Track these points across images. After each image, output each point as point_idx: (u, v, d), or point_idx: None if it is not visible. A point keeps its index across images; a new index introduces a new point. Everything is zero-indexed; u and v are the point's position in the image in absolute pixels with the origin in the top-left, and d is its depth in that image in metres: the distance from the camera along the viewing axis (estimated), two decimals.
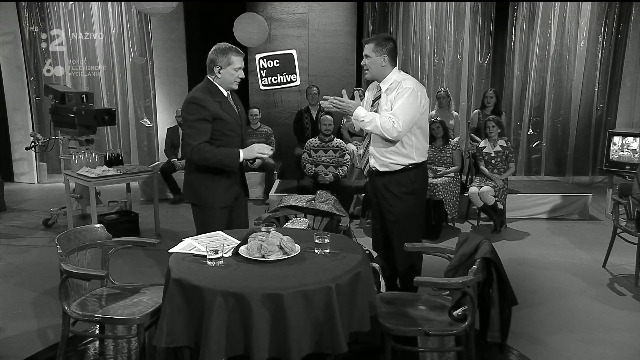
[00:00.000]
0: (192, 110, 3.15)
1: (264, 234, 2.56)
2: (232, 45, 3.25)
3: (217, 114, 3.18)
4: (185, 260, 2.45)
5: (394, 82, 3.34)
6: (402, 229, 3.36)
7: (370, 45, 3.31)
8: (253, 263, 2.40)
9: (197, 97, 3.16)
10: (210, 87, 3.23)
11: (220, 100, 3.22)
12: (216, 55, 3.20)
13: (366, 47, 3.33)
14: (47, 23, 8.48)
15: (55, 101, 6.19)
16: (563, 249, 5.38)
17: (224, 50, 3.19)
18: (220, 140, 3.21)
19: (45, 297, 4.17)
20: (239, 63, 3.20)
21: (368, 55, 3.32)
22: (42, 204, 7.32)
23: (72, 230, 2.84)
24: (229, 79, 3.20)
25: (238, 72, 3.21)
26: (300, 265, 2.38)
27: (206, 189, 3.27)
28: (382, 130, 3.19)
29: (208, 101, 3.16)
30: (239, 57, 3.21)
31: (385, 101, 3.34)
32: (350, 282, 2.26)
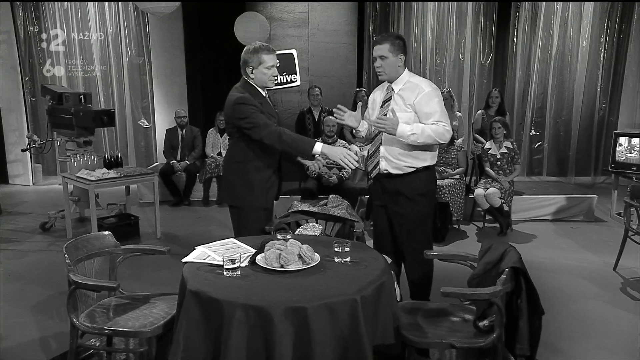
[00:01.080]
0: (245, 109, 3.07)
1: (282, 242, 2.46)
2: (263, 43, 3.21)
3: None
4: (200, 271, 2.35)
5: (407, 82, 3.28)
6: (413, 233, 3.28)
7: (386, 45, 3.19)
8: (272, 273, 2.30)
9: (245, 98, 3.10)
10: (250, 89, 3.18)
11: (261, 101, 3.17)
12: (247, 55, 3.16)
13: (380, 48, 3.21)
14: (43, 23, 8.32)
15: (52, 102, 6.06)
16: (571, 252, 5.32)
17: (255, 50, 3.15)
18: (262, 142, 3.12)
19: (46, 304, 4.05)
20: (271, 61, 3.14)
21: (384, 56, 3.21)
22: (38, 206, 7.18)
23: (79, 238, 2.73)
24: (263, 78, 3.16)
25: (271, 70, 3.16)
26: (321, 275, 2.28)
27: (248, 190, 3.22)
28: (436, 139, 3.16)
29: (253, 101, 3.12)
30: (270, 54, 3.15)
31: (398, 102, 3.25)
32: (374, 293, 2.16)
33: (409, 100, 3.22)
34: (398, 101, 3.26)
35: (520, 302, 2.32)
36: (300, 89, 7.97)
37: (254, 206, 3.23)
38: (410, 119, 3.22)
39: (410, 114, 3.23)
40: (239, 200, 3.24)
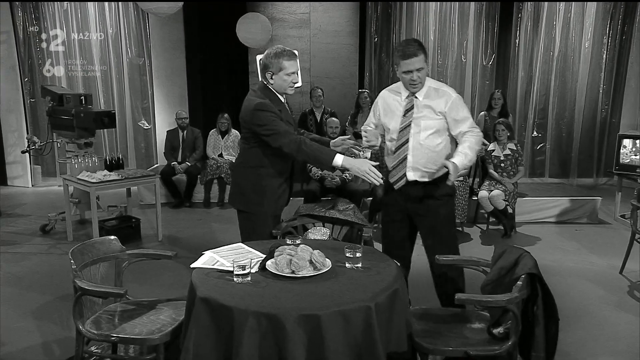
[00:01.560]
0: (264, 115, 2.99)
1: (292, 247, 2.41)
2: (285, 48, 3.07)
3: None
4: (210, 277, 2.30)
5: (429, 89, 3.14)
6: (444, 237, 3.17)
7: (422, 56, 3.00)
8: (283, 280, 2.26)
9: (265, 104, 3.01)
10: (269, 94, 3.10)
11: (280, 108, 3.10)
12: (268, 60, 3.05)
13: (417, 60, 2.99)
14: (42, 23, 8.26)
15: (52, 103, 6.02)
16: (576, 255, 5.28)
17: (275, 55, 3.03)
18: (274, 148, 3.05)
19: (48, 308, 4.00)
20: (292, 67, 3.03)
21: (422, 67, 3.02)
22: (37, 208, 7.12)
23: (85, 243, 2.68)
24: (282, 85, 3.07)
25: (291, 77, 3.05)
26: (334, 281, 2.24)
27: (259, 196, 3.16)
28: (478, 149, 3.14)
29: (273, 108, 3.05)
30: (291, 61, 3.04)
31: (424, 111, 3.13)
32: (388, 300, 2.12)
33: (438, 108, 3.10)
34: (423, 109, 3.13)
35: (536, 309, 2.28)
36: (302, 90, 7.92)
37: (264, 212, 3.17)
38: (442, 125, 3.14)
39: (440, 121, 3.13)
40: (249, 205, 3.18)
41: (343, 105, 7.83)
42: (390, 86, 3.35)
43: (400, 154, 3.19)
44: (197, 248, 5.47)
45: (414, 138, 3.17)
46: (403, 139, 3.19)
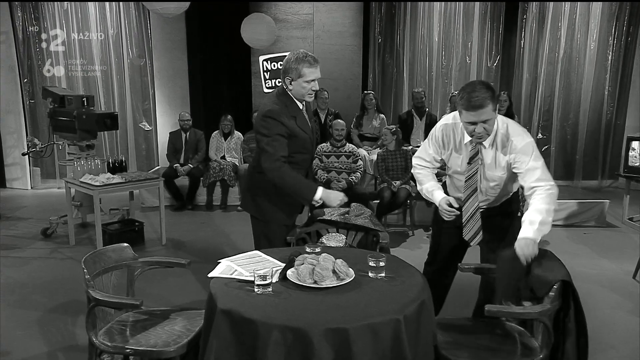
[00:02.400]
0: (268, 125, 2.92)
1: (314, 256, 2.33)
2: (308, 54, 2.95)
3: (292, 131, 2.97)
4: (229, 287, 2.22)
5: (497, 135, 2.69)
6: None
7: (490, 106, 2.53)
8: (305, 290, 2.18)
9: (274, 112, 2.93)
10: (286, 100, 2.99)
11: (295, 115, 3.00)
12: (288, 65, 2.95)
13: (485, 111, 2.53)
14: (42, 23, 8.15)
15: (54, 105, 5.92)
16: (587, 259, 5.22)
17: (296, 60, 2.92)
18: (292, 157, 3.00)
19: (52, 315, 3.91)
20: (311, 75, 2.92)
21: (489, 118, 2.56)
22: (38, 211, 7.02)
23: (97, 251, 2.59)
24: (301, 91, 2.97)
25: (310, 85, 2.95)
26: (358, 292, 2.16)
27: (269, 204, 3.08)
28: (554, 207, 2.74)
29: (284, 115, 2.94)
30: (311, 68, 2.91)
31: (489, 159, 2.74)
32: (416, 311, 2.04)
33: (506, 157, 2.68)
34: (488, 157, 2.74)
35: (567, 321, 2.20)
36: None
37: (276, 219, 3.10)
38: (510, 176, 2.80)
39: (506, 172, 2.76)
40: (261, 212, 3.12)
41: (346, 107, 7.76)
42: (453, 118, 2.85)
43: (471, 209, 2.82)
44: (201, 252, 5.45)
45: (480, 188, 2.84)
46: (470, 189, 2.83)
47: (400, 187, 5.85)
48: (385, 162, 6.08)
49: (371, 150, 6.98)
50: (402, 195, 5.80)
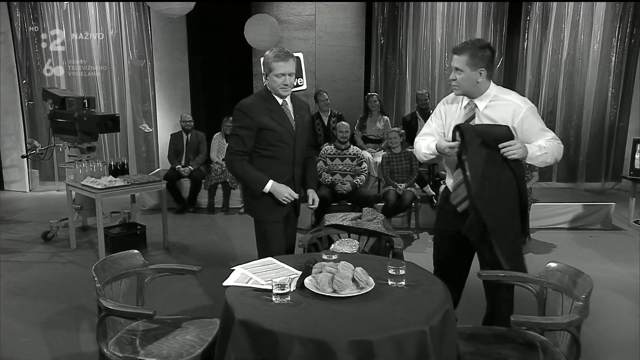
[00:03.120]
0: (236, 117, 3.09)
1: (332, 264, 2.26)
2: (282, 49, 3.04)
3: (263, 123, 3.02)
4: (246, 297, 2.15)
5: (494, 98, 2.75)
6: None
7: (464, 57, 2.67)
8: (325, 300, 2.11)
9: (244, 104, 3.05)
10: (265, 94, 3.10)
11: (272, 108, 3.04)
12: (264, 60, 3.06)
13: (457, 59, 2.71)
14: (41, 23, 8.06)
15: (54, 106, 5.84)
16: (595, 263, 5.17)
17: (267, 56, 3.02)
18: (268, 151, 3.07)
19: (56, 321, 3.83)
20: (280, 69, 2.97)
21: (460, 69, 2.70)
22: (37, 214, 6.93)
23: (107, 259, 2.51)
24: (273, 85, 3.03)
25: (281, 79, 2.99)
26: (380, 302, 2.09)
27: (258, 202, 3.09)
28: (557, 158, 2.72)
29: (256, 109, 3.02)
30: (280, 62, 2.97)
31: (482, 121, 2.74)
32: (441, 322, 1.98)
33: (503, 121, 2.69)
34: (485, 121, 2.75)
35: None
36: (307, 93, 7.79)
37: (267, 220, 3.10)
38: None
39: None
40: (252, 212, 3.18)
41: (348, 108, 7.70)
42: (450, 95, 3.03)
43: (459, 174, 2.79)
44: (206, 256, 5.37)
45: None
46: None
47: (405, 190, 5.80)
48: (390, 164, 6.02)
49: (375, 153, 6.91)
50: (408, 198, 5.74)
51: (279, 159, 3.08)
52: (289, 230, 3.26)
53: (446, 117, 2.94)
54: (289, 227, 3.25)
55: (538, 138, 2.71)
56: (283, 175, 3.10)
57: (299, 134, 3.12)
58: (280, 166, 3.09)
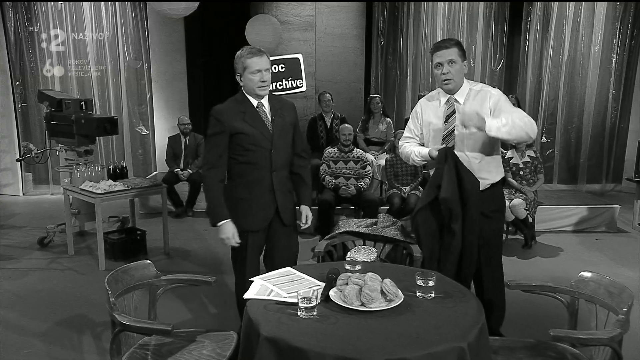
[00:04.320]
0: (210, 123, 2.92)
1: (358, 275, 2.16)
2: (252, 47, 2.93)
3: (235, 128, 2.86)
4: (269, 311, 2.04)
5: (470, 91, 2.94)
6: (490, 254, 2.98)
7: (454, 49, 2.83)
8: (353, 314, 2.00)
9: (216, 109, 2.92)
10: (239, 97, 2.96)
11: (245, 110, 2.89)
12: (235, 62, 2.92)
13: (449, 52, 2.82)
14: (34, 24, 7.89)
15: (50, 108, 5.70)
16: (604, 266, 5.11)
17: (239, 55, 2.90)
18: (243, 156, 2.91)
19: (57, 332, 3.70)
20: (255, 65, 2.83)
21: (454, 60, 2.83)
22: (32, 219, 6.76)
23: (119, 270, 2.39)
24: (250, 84, 2.87)
25: (257, 76, 2.84)
26: (412, 316, 1.99)
27: (233, 209, 2.95)
28: (528, 132, 2.74)
29: (228, 112, 2.89)
30: (253, 57, 2.84)
31: (463, 115, 2.83)
32: (477, 337, 1.88)
33: (483, 110, 2.82)
34: (465, 114, 2.83)
35: None
36: (306, 95, 7.69)
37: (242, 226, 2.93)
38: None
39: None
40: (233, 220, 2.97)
41: (349, 110, 7.60)
42: (427, 94, 3.17)
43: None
44: (208, 262, 5.25)
45: (459, 147, 2.95)
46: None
47: (410, 193, 5.71)
48: (394, 167, 5.93)
49: (378, 155, 6.82)
50: (412, 201, 5.65)
51: (254, 164, 2.91)
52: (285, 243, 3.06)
53: (423, 115, 3.09)
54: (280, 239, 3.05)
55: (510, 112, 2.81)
56: (261, 182, 2.94)
57: (277, 136, 2.93)
58: (257, 171, 2.92)
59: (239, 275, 3.03)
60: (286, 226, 3.02)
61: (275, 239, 3.05)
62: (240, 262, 3.01)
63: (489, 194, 2.96)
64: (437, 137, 3.01)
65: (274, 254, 3.04)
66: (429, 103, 3.09)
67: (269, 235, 3.04)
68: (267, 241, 3.08)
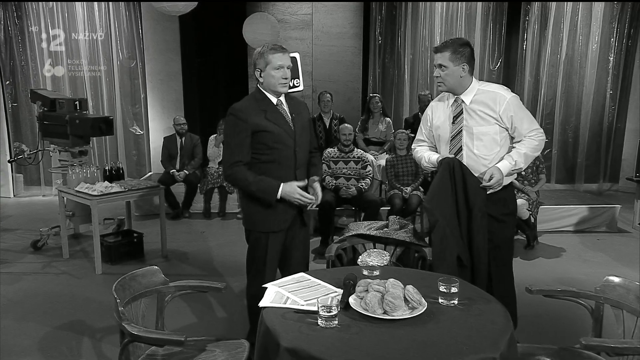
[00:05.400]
0: (228, 123, 2.88)
1: (379, 281, 2.07)
2: (272, 43, 2.89)
3: (258, 125, 2.80)
4: (287, 320, 1.95)
5: (479, 91, 2.92)
6: (502, 258, 2.92)
7: (446, 53, 2.85)
8: (376, 323, 1.91)
9: (235, 107, 2.85)
10: (258, 95, 2.90)
11: (265, 108, 2.83)
12: (255, 58, 2.87)
13: (439, 56, 2.88)
14: (25, 22, 7.73)
15: (43, 108, 5.56)
16: (607, 267, 5.06)
17: (261, 51, 2.85)
18: (267, 155, 2.85)
19: (54, 339, 3.59)
20: (278, 60, 2.79)
21: (444, 65, 2.86)
22: (24, 221, 6.62)
23: (127, 277, 2.29)
24: (271, 81, 2.81)
25: (280, 72, 2.80)
26: (437, 325, 1.91)
27: (252, 210, 2.91)
28: (535, 155, 2.94)
29: (248, 111, 2.82)
30: (277, 53, 2.80)
31: (474, 116, 2.89)
32: (508, 348, 1.80)
33: (491, 112, 2.86)
34: (473, 114, 2.89)
35: None
36: (304, 94, 7.59)
37: (260, 228, 2.90)
38: (497, 132, 2.87)
39: (494, 126, 2.86)
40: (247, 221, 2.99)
41: (347, 110, 7.54)
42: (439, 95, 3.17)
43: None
44: (207, 265, 5.14)
45: (467, 147, 2.93)
46: (455, 149, 2.97)
47: (411, 194, 5.64)
48: (395, 168, 5.86)
49: (378, 155, 6.75)
50: (414, 202, 5.58)
51: (280, 163, 2.86)
52: (300, 244, 3.04)
53: (433, 117, 3.08)
54: (296, 240, 3.02)
55: (521, 126, 2.87)
56: (285, 181, 2.89)
57: (298, 134, 2.90)
58: (282, 170, 2.87)
59: (255, 277, 2.96)
60: (305, 226, 3.01)
61: (294, 239, 3.01)
62: (259, 264, 2.93)
63: (500, 196, 2.91)
64: (445, 138, 3.01)
65: (291, 254, 3.01)
66: (439, 103, 3.10)
67: (287, 235, 2.99)
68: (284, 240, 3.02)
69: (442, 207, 2.82)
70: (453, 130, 2.95)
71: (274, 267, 2.98)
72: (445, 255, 2.77)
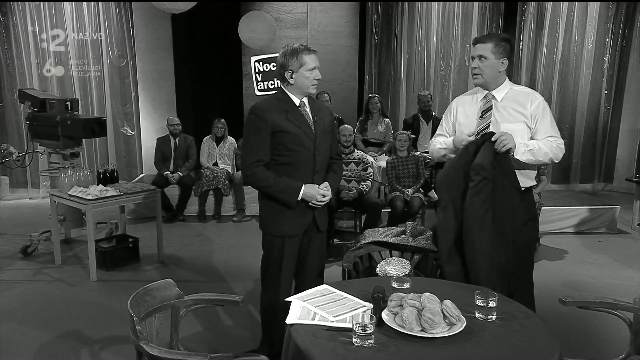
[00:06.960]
0: (249, 122, 2.80)
1: (414, 296, 1.95)
2: (302, 44, 2.84)
3: (279, 125, 2.73)
4: (319, 338, 1.82)
5: (510, 91, 2.84)
6: (524, 264, 2.82)
7: (489, 44, 2.76)
8: (413, 341, 1.80)
9: (256, 106, 2.81)
10: (280, 95, 2.83)
11: (287, 109, 2.76)
12: (285, 58, 2.78)
13: (481, 47, 2.78)
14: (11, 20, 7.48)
15: (33, 109, 5.38)
16: (611, 269, 5.03)
17: (294, 51, 2.78)
18: (286, 157, 2.78)
19: (50, 349, 3.44)
20: (312, 62, 2.77)
21: (484, 56, 2.76)
22: (11, 225, 6.39)
23: (141, 291, 2.14)
24: (305, 82, 2.76)
25: (313, 73, 2.76)
26: (479, 343, 1.79)
27: (269, 213, 2.86)
28: (552, 158, 2.77)
29: (270, 110, 2.75)
30: (311, 54, 2.79)
31: (503, 113, 2.80)
32: None
33: (522, 110, 2.78)
34: (503, 111, 2.81)
35: None
36: None
37: (275, 232, 2.85)
38: (523, 131, 2.77)
39: (520, 124, 2.77)
40: (263, 225, 2.92)
41: (343, 110, 7.42)
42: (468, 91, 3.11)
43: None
44: (205, 270, 4.98)
45: None
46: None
47: (413, 196, 5.55)
48: (396, 169, 5.76)
49: (377, 156, 6.64)
50: (416, 204, 5.49)
51: (298, 166, 2.79)
52: (316, 251, 2.97)
53: (457, 112, 2.99)
54: (312, 246, 2.94)
55: (545, 130, 2.78)
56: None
57: (319, 137, 2.82)
58: (300, 173, 2.81)
59: (268, 286, 2.90)
60: (320, 232, 2.94)
61: (309, 245, 2.95)
62: (273, 270, 2.87)
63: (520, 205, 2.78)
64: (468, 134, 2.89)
65: (306, 260, 2.95)
66: (465, 97, 3.03)
67: (303, 241, 2.93)
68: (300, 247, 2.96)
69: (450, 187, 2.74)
70: (480, 124, 2.86)
71: (290, 275, 2.90)
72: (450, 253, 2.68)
